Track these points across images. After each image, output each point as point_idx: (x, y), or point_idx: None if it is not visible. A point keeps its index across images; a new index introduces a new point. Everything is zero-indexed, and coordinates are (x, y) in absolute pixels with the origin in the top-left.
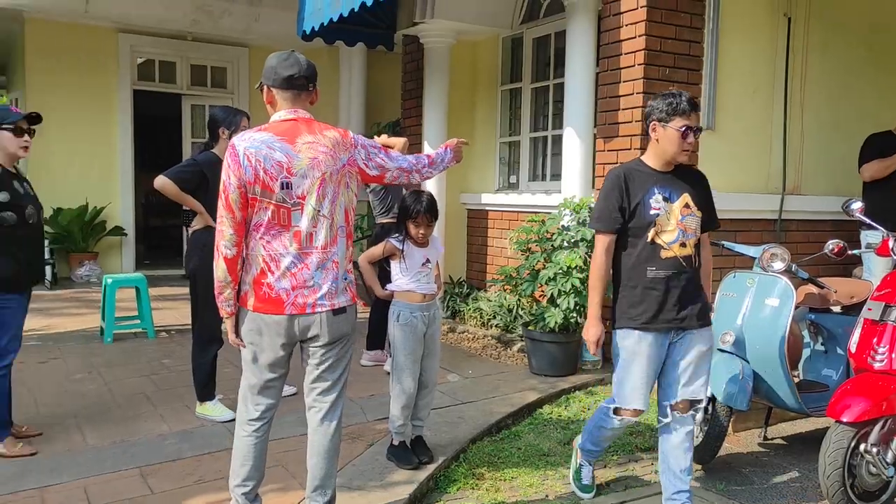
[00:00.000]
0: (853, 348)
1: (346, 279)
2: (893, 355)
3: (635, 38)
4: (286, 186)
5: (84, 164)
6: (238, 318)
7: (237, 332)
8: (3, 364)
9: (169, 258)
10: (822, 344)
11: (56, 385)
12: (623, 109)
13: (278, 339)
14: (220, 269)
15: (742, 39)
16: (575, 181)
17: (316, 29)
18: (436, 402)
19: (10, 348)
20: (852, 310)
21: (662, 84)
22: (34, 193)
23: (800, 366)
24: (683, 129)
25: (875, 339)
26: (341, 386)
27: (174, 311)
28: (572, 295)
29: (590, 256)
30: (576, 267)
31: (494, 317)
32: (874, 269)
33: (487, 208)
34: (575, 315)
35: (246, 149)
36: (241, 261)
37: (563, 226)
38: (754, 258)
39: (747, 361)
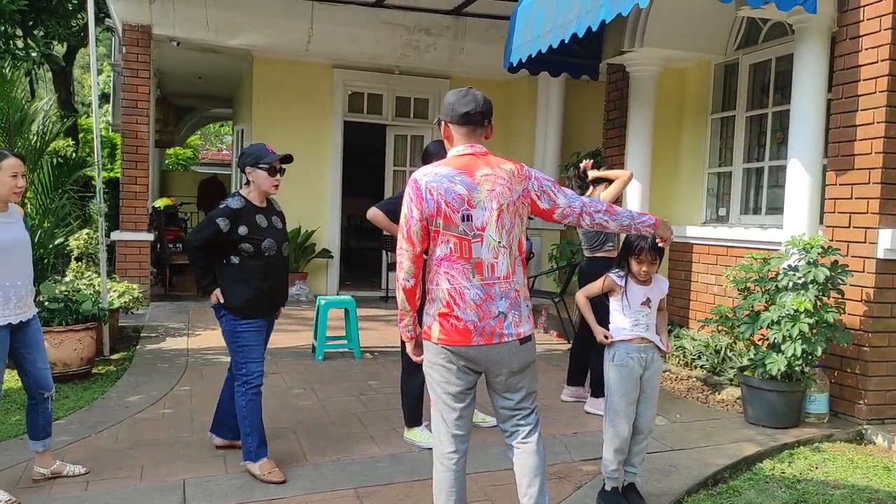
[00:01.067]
0: None
1: (527, 307)
2: None
3: (877, 62)
4: (467, 219)
5: (299, 189)
6: (423, 350)
7: (416, 354)
8: (251, 385)
9: (366, 279)
10: None
11: (277, 399)
12: (860, 140)
13: (466, 369)
14: (399, 298)
15: None
16: (800, 217)
17: (524, 61)
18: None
19: (254, 370)
20: None
21: None
22: (282, 227)
23: None
24: None
25: None
26: (535, 408)
27: (375, 332)
28: (799, 341)
29: (820, 300)
30: (804, 311)
31: (699, 357)
32: None
33: (693, 241)
34: (801, 363)
35: (428, 182)
36: (419, 291)
37: (788, 265)
38: None
39: None
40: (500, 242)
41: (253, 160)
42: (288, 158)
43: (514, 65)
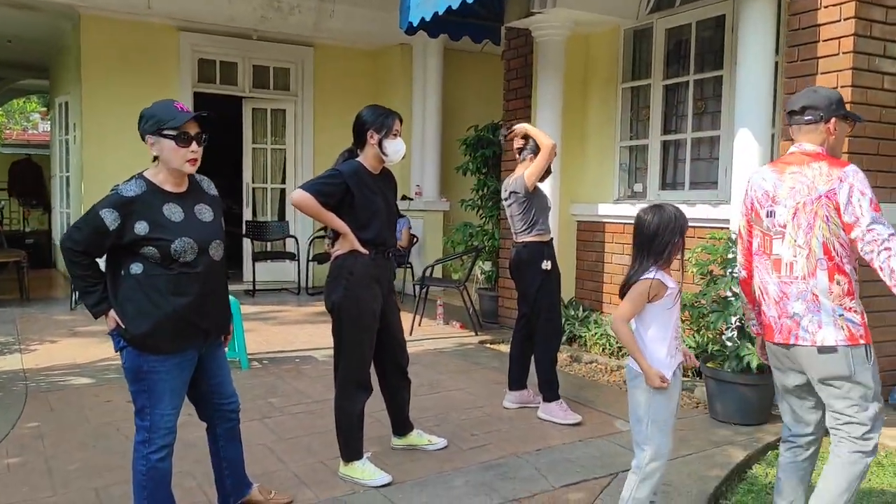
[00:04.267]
0: None
1: (839, 315)
2: None
3: (840, 21)
4: (770, 215)
5: (140, 170)
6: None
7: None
8: (155, 446)
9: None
10: None
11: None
12: None
13: (779, 365)
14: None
15: None
16: None
17: (427, 19)
18: (624, 460)
19: (161, 424)
20: None
21: (872, 75)
22: (213, 219)
23: None
24: None
25: None
26: (843, 414)
27: (253, 333)
28: None
29: None
30: None
31: None
32: None
33: (605, 220)
34: None
35: (751, 177)
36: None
37: None
38: None
39: None
40: (796, 241)
41: (154, 125)
42: (204, 118)
43: (415, 25)
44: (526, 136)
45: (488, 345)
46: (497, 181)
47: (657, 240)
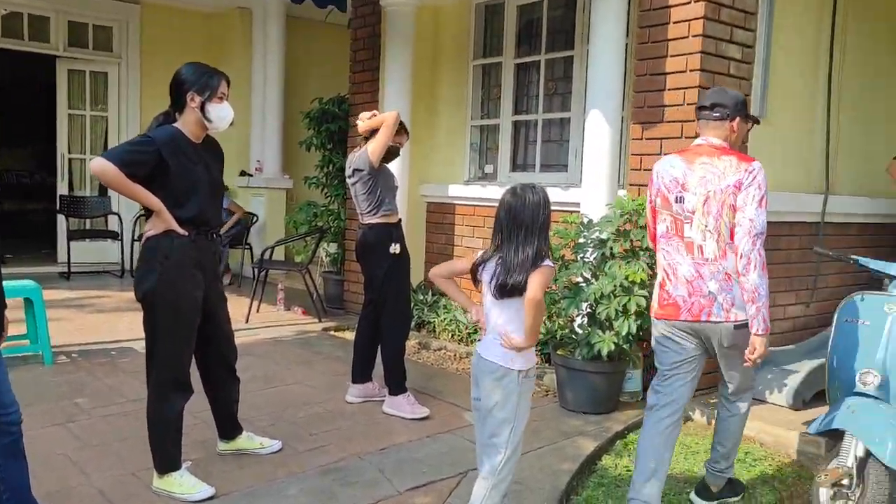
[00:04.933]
0: None
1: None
2: None
3: (690, 3)
4: (680, 200)
5: None
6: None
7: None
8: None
9: (33, 251)
10: None
11: None
12: (670, 90)
13: (672, 343)
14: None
15: (795, 11)
16: (599, 174)
17: None
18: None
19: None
20: None
21: (719, 60)
22: None
23: None
24: None
25: None
26: (741, 385)
27: (65, 322)
28: (633, 317)
29: (652, 267)
30: (639, 282)
31: (476, 331)
32: None
33: (456, 202)
34: (630, 342)
35: (657, 166)
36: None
37: (618, 230)
38: (892, 276)
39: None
40: (706, 226)
41: None
42: None
43: None
44: (375, 131)
45: (332, 332)
46: (343, 158)
47: (541, 219)
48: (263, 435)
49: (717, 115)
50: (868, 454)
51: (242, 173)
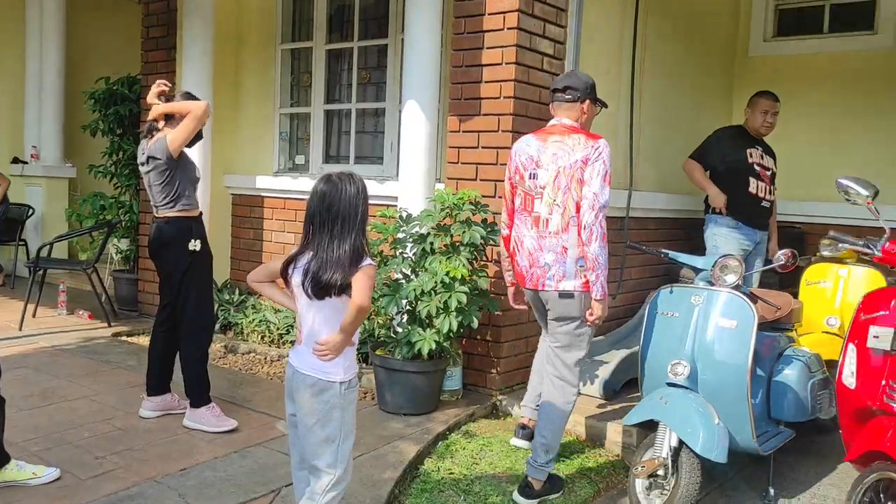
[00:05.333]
0: (852, 383)
1: (580, 265)
2: None
3: None
4: (533, 177)
5: None
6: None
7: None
8: None
9: None
10: None
11: None
12: (487, 82)
13: (534, 305)
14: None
15: (600, 8)
16: (417, 167)
17: None
18: (286, 471)
19: None
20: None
21: (533, 55)
22: None
23: None
24: None
25: (887, 374)
26: (559, 357)
27: None
28: (454, 314)
29: (473, 263)
30: (460, 278)
31: (289, 331)
32: None
33: (264, 194)
34: (451, 339)
35: (515, 146)
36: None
37: (439, 225)
38: (697, 269)
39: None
40: (555, 201)
41: None
42: None
43: None
44: (169, 116)
45: (124, 337)
46: (135, 145)
47: (360, 210)
48: (38, 462)
49: (569, 97)
50: (681, 444)
51: (15, 160)
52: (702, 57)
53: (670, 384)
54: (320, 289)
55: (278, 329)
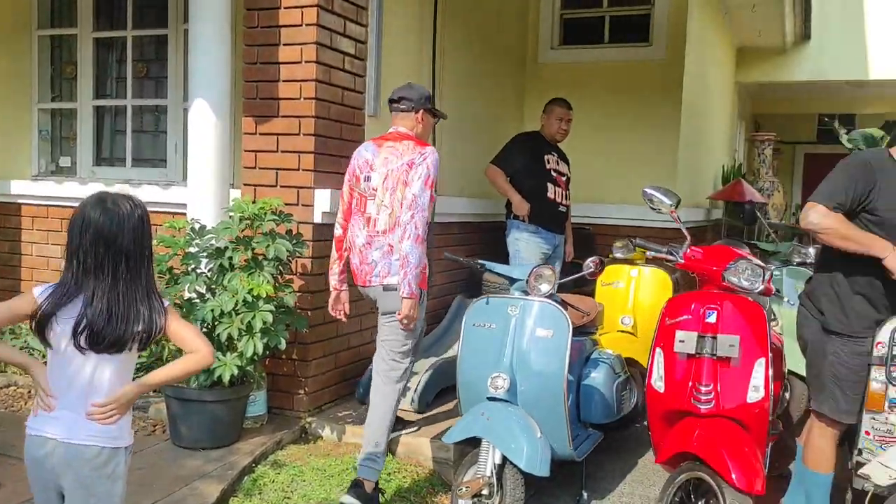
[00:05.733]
0: (660, 386)
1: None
2: (720, 394)
3: None
4: (367, 179)
5: None
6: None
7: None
8: None
9: None
10: None
11: None
12: (285, 81)
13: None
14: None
15: (400, 7)
16: (208, 172)
17: None
18: None
19: None
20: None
21: (334, 53)
22: None
23: None
24: None
25: (693, 376)
26: (386, 350)
27: None
28: (259, 335)
29: (278, 278)
30: (264, 296)
31: None
32: None
33: (22, 201)
34: (255, 362)
35: (357, 150)
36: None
37: (238, 238)
38: (513, 279)
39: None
40: (383, 202)
41: None
42: None
43: None
44: None
45: None
46: None
47: (148, 241)
48: None
49: (404, 107)
50: (505, 460)
51: None
52: (495, 64)
53: (491, 398)
54: (110, 345)
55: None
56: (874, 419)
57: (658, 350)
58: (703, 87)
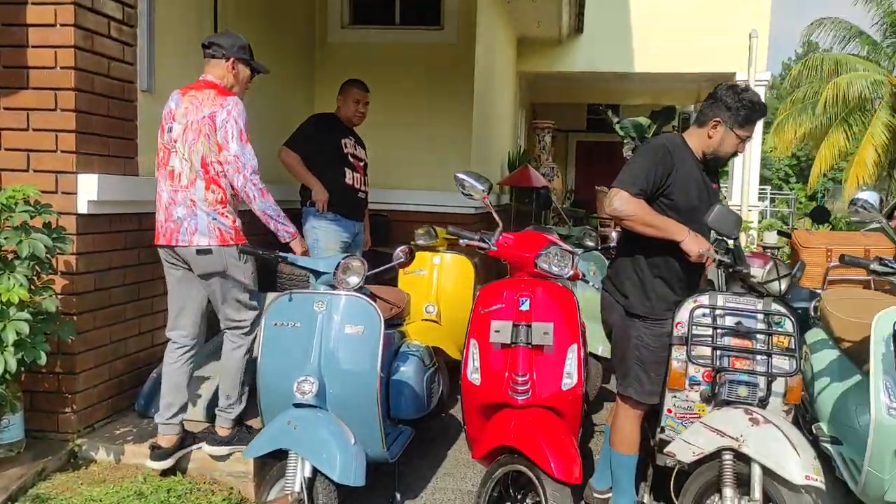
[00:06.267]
0: (476, 379)
1: (213, 219)
2: (536, 383)
3: None
4: (169, 131)
5: None
6: None
7: None
8: None
9: None
10: None
11: None
12: (36, 47)
13: (169, 268)
14: None
15: None
16: None
17: None
18: None
19: None
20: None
21: (97, 18)
22: None
23: None
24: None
25: (509, 366)
26: (228, 309)
27: None
28: (13, 349)
29: (35, 280)
30: (17, 302)
31: None
32: None
33: None
34: (7, 381)
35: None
36: None
37: None
38: (319, 273)
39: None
40: (184, 155)
41: None
42: None
43: None
44: None
45: None
46: None
47: None
48: None
49: (213, 52)
50: (316, 472)
51: None
52: (282, 41)
53: (297, 405)
54: None
55: None
56: (675, 397)
57: (472, 341)
58: (492, 74)
